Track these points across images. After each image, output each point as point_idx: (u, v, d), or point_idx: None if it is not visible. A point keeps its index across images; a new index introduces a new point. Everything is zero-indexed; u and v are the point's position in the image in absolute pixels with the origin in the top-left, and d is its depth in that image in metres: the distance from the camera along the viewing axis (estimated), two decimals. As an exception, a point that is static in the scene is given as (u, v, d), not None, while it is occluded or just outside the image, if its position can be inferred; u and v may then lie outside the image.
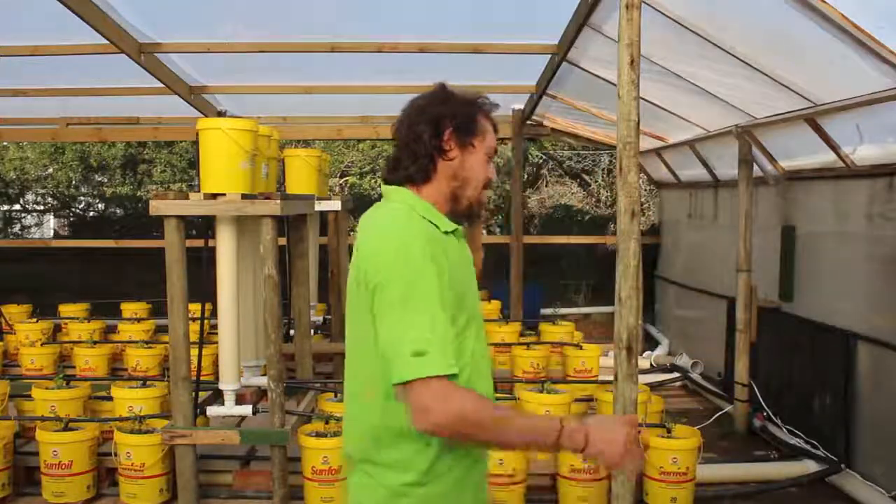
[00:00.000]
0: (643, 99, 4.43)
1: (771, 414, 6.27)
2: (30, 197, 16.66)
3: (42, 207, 16.91)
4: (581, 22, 5.51)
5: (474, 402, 1.81)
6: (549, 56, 6.68)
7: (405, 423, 1.83)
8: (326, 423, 4.80)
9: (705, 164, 7.88)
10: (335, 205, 6.89)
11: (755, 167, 6.54)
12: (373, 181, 16.10)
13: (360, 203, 15.32)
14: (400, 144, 2.03)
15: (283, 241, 5.17)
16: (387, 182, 2.06)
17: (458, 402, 1.78)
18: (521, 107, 8.82)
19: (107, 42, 5.97)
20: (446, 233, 1.98)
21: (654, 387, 7.04)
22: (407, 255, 1.84)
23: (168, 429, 4.49)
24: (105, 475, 5.00)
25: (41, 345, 7.03)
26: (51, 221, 17.57)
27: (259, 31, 6.22)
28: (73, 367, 6.73)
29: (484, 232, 16.90)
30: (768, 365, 6.48)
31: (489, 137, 2.04)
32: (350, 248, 7.85)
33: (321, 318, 7.05)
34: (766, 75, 5.16)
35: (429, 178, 2.00)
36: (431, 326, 1.79)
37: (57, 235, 16.80)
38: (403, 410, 1.82)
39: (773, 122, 5.77)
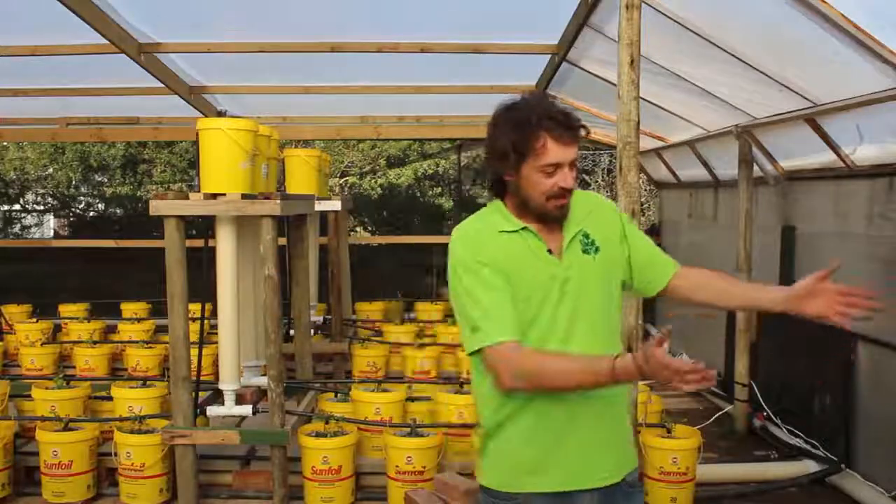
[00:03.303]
0: (643, 99, 4.43)
1: (771, 414, 6.26)
2: (30, 197, 16.67)
3: (42, 207, 16.92)
4: (581, 22, 5.51)
5: (531, 356, 2.18)
6: (549, 56, 6.67)
7: (477, 388, 2.36)
8: (326, 423, 4.80)
9: (705, 164, 7.88)
10: (335, 205, 6.90)
11: (755, 167, 6.54)
12: (373, 181, 16.11)
13: (360, 203, 15.36)
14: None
15: (283, 241, 5.17)
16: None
17: (517, 360, 2.16)
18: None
19: (107, 42, 5.96)
20: (504, 231, 2.31)
21: (653, 387, 7.04)
22: (453, 253, 2.32)
23: (168, 429, 4.49)
24: (105, 475, 4.99)
25: (41, 345, 7.03)
26: (51, 221, 17.58)
27: (259, 32, 6.21)
28: (73, 367, 6.73)
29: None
30: (768, 365, 6.48)
31: (545, 154, 2.22)
32: (350, 247, 7.89)
33: (321, 318, 7.05)
34: (766, 75, 5.16)
35: (502, 194, 2.37)
36: (477, 305, 2.22)
37: (57, 235, 16.82)
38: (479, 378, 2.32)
39: (773, 122, 5.77)
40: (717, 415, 6.63)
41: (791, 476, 5.30)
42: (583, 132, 2.26)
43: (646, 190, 11.78)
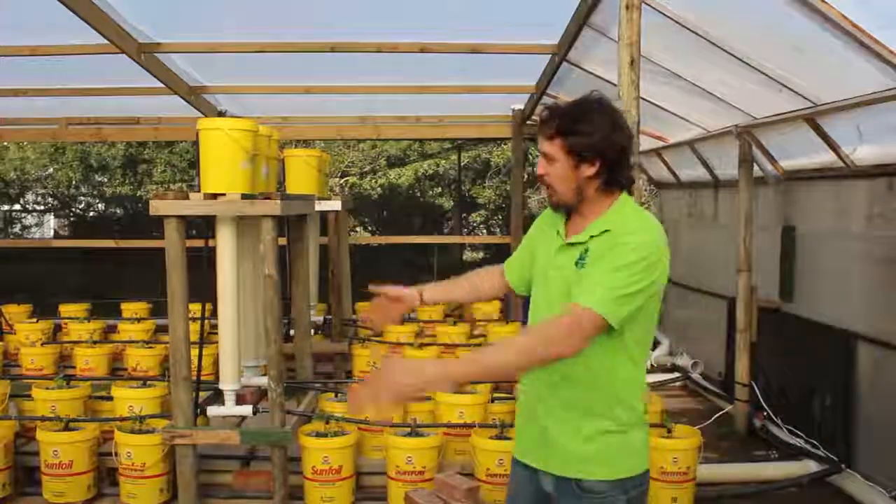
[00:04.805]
0: (643, 99, 4.43)
1: (771, 414, 6.27)
2: (30, 197, 16.68)
3: (42, 207, 16.94)
4: (581, 22, 5.51)
5: None
6: (549, 56, 6.67)
7: None
8: (327, 423, 4.80)
9: (705, 164, 7.88)
10: (335, 205, 6.89)
11: (755, 167, 6.54)
12: (373, 181, 16.12)
13: (360, 203, 15.38)
14: None
15: (283, 240, 5.17)
16: None
17: None
18: (522, 107, 8.82)
19: (107, 42, 5.96)
20: (552, 211, 2.50)
21: (654, 387, 7.05)
22: None
23: (168, 429, 4.48)
24: (105, 475, 4.99)
25: (41, 345, 7.03)
26: (51, 221, 17.59)
27: (259, 31, 6.21)
28: (74, 367, 6.72)
29: (484, 231, 16.96)
30: (769, 365, 6.49)
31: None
32: (350, 248, 7.88)
33: (321, 318, 7.04)
34: (766, 75, 5.17)
35: None
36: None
37: (57, 235, 16.83)
38: None
39: (773, 122, 5.78)
40: (717, 415, 6.64)
41: (791, 476, 5.31)
42: (549, 128, 2.32)
43: (646, 190, 11.78)
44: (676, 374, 7.98)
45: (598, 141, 2.27)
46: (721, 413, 6.66)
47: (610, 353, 2.29)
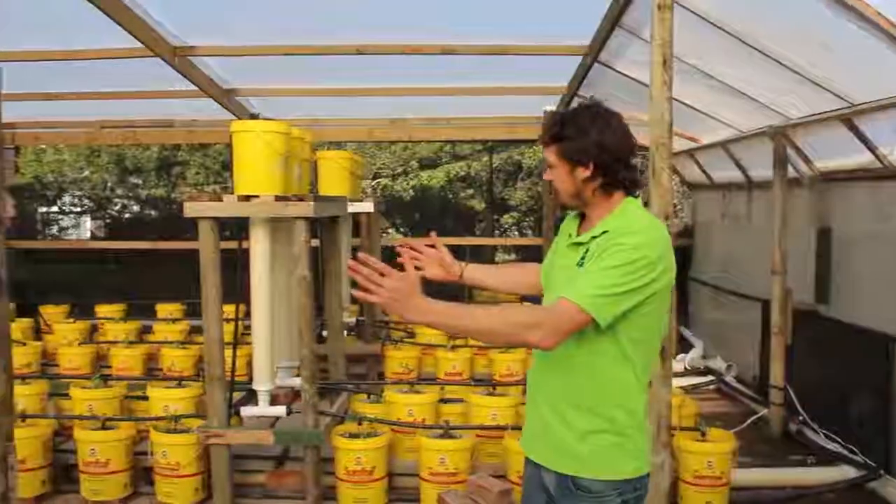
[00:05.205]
0: (675, 100, 4.40)
1: (807, 418, 6.20)
2: (67, 199, 16.90)
3: (79, 209, 17.16)
4: (613, 23, 5.49)
5: None
6: (581, 57, 6.65)
7: None
8: (359, 424, 4.82)
9: (739, 166, 7.81)
10: (367, 206, 6.92)
11: (790, 168, 6.47)
12: (405, 183, 16.15)
13: (392, 205, 15.41)
14: None
15: (315, 242, 5.20)
16: None
17: None
18: (553, 108, 8.79)
19: (141, 46, 6.04)
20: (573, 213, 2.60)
21: (687, 390, 6.99)
22: None
23: (203, 429, 4.53)
24: (141, 473, 5.05)
25: (78, 345, 7.14)
26: (87, 223, 17.81)
27: (287, 34, 6.24)
28: (110, 366, 6.82)
29: (516, 233, 16.92)
30: (804, 368, 6.41)
31: None
32: (382, 249, 7.91)
33: (354, 320, 7.07)
34: (801, 75, 5.11)
35: None
36: None
37: (93, 237, 17.03)
38: None
39: (808, 122, 5.71)
40: (752, 418, 6.57)
41: (828, 481, 5.23)
42: (544, 135, 2.45)
43: (678, 191, 11.70)
44: (710, 377, 7.91)
45: (589, 145, 2.35)
46: (756, 417, 6.59)
47: (605, 352, 2.33)
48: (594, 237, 2.37)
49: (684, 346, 9.28)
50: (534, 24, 5.90)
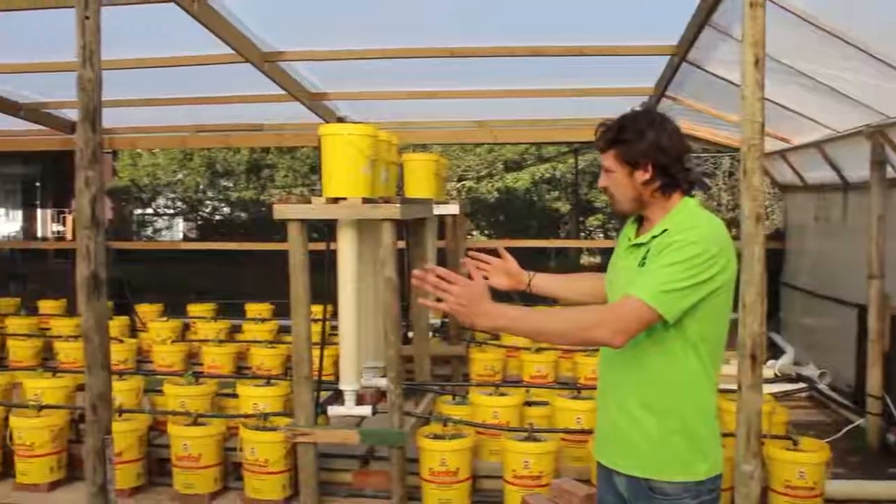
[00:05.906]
0: (767, 99, 4.29)
1: (906, 429, 5.97)
2: (161, 201, 17.46)
3: (172, 211, 17.70)
4: (702, 22, 5.39)
5: None
6: (669, 57, 6.55)
7: None
8: (444, 425, 4.84)
9: (833, 166, 7.57)
10: (453, 208, 6.95)
11: (888, 168, 6.24)
12: (490, 185, 16.16)
13: (477, 207, 15.44)
14: None
15: (402, 244, 5.24)
16: None
17: None
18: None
19: (233, 52, 6.19)
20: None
21: (778, 397, 6.80)
22: None
23: (290, 427, 4.61)
24: (231, 469, 5.18)
25: (171, 342, 7.36)
26: (180, 224, 18.36)
27: (377, 38, 6.31)
28: (201, 364, 7.01)
29: (601, 235, 16.75)
30: (903, 376, 6.17)
31: None
32: (466, 251, 7.94)
33: (439, 321, 7.10)
34: (900, 71, 4.93)
35: None
36: None
37: (186, 238, 17.54)
38: None
39: (909, 121, 5.50)
40: (846, 428, 6.35)
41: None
42: (601, 141, 2.47)
43: (769, 193, 11.40)
44: (802, 385, 7.69)
45: (646, 147, 2.38)
46: (851, 426, 6.37)
47: (674, 348, 2.34)
48: (654, 237, 2.39)
49: (775, 352, 9.03)
50: (620, 24, 5.84)
